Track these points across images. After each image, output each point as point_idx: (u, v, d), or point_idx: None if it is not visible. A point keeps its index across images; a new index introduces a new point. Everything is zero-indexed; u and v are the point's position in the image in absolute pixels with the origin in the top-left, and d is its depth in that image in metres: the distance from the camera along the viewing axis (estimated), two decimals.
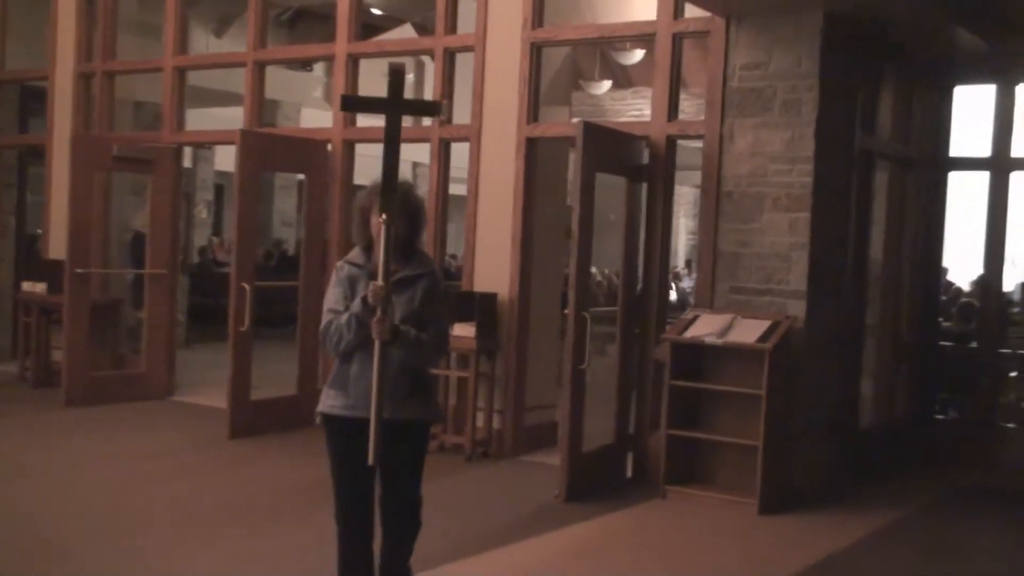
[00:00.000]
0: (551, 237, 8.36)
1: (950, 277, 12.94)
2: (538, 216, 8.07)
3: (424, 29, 14.31)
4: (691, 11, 7.33)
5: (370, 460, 3.91)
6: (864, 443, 7.85)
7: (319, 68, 18.15)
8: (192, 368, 10.81)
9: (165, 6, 10.02)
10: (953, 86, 8.73)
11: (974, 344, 8.93)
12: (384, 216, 3.87)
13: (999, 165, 8.47)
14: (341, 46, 9.00)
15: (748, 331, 6.64)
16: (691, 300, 10.23)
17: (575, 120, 7.54)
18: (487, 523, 6.24)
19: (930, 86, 8.57)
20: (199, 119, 12.88)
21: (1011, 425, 8.88)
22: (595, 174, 6.81)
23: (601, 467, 7.17)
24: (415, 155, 14.95)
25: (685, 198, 22.47)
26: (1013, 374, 9.23)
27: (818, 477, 7.04)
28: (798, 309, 6.80)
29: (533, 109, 8.00)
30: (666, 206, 7.51)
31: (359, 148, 9.12)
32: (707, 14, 7.16)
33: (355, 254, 4.21)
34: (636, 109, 14.77)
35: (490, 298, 7.91)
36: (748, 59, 7.04)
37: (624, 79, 16.77)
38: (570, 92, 9.67)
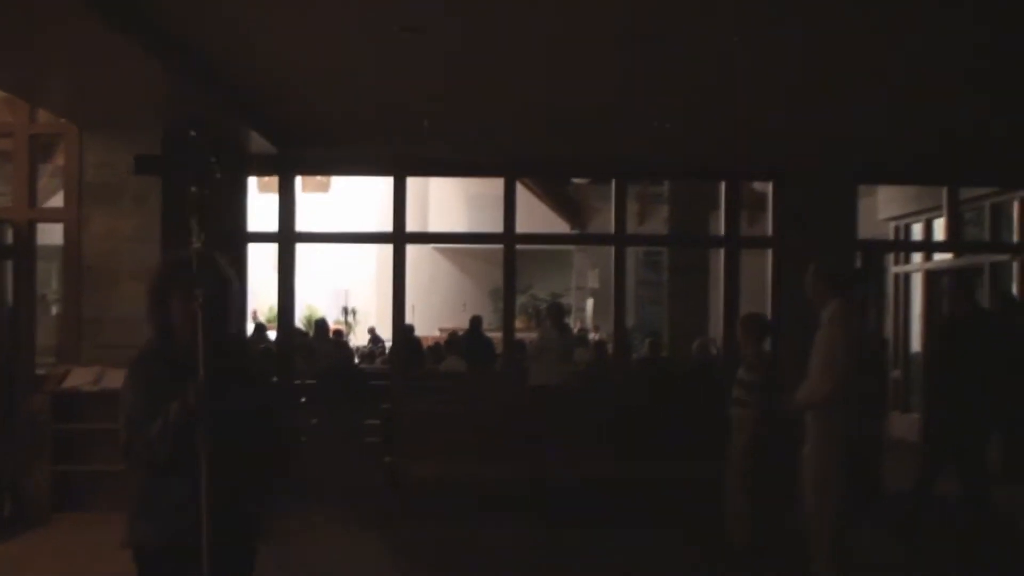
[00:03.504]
0: None
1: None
2: None
3: None
4: (46, 115, 8.69)
5: None
6: None
7: None
8: None
9: None
10: (249, 176, 11.03)
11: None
12: (200, 298, 3.27)
13: (285, 238, 10.91)
14: None
15: (118, 379, 8.18)
16: None
17: None
18: None
19: (235, 176, 10.75)
20: None
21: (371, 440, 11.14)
22: None
23: None
24: None
25: None
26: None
27: None
28: None
29: None
30: (30, 280, 8.74)
31: None
32: (62, 119, 8.59)
33: (152, 345, 3.55)
34: None
35: None
36: (101, 159, 8.61)
37: None
38: None
